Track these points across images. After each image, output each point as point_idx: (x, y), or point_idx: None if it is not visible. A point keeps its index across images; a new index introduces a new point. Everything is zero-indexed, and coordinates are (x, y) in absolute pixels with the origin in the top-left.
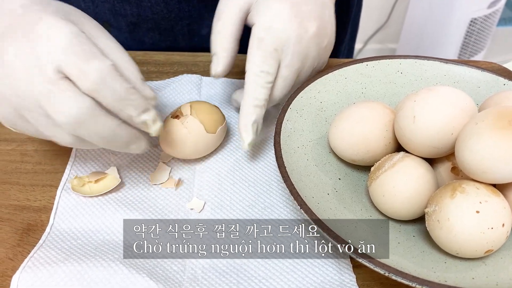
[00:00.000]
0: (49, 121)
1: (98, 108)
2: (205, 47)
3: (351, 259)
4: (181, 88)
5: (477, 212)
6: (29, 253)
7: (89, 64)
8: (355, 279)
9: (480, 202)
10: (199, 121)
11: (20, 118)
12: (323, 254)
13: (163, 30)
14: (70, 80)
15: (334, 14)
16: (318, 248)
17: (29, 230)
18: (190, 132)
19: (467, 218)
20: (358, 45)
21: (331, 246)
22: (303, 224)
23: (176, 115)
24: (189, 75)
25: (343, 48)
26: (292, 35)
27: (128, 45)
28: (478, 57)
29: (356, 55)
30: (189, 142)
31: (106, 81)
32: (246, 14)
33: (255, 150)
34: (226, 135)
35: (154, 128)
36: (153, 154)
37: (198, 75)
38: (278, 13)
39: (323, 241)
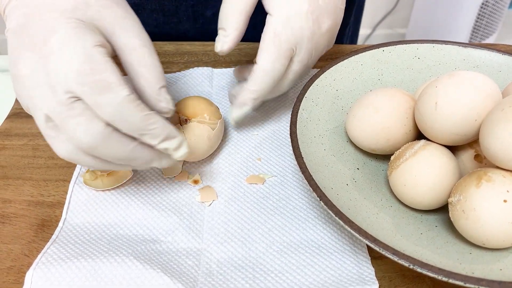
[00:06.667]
0: (61, 137)
1: (114, 132)
2: (211, 29)
3: (370, 250)
4: (193, 81)
5: (505, 201)
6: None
7: (102, 97)
8: (373, 273)
9: (508, 191)
10: (196, 124)
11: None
12: (340, 247)
13: (167, 11)
14: (83, 102)
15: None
16: (335, 241)
17: (44, 226)
18: (189, 139)
19: (494, 207)
20: (366, 31)
21: (349, 238)
22: (319, 216)
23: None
24: (200, 68)
25: (347, 31)
26: (307, 33)
27: None
28: (489, 40)
29: (365, 41)
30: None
31: (122, 113)
32: None
33: (269, 140)
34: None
35: (178, 155)
36: None
37: (209, 68)
38: (297, 7)
39: (340, 233)
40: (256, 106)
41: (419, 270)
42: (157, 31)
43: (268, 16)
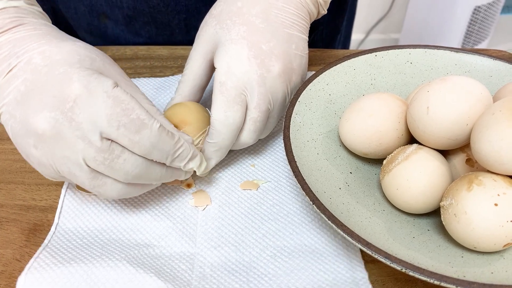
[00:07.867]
0: (100, 180)
1: (150, 161)
2: None
3: (363, 254)
4: None
5: (495, 204)
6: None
7: (139, 135)
8: (367, 276)
9: (498, 195)
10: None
11: (64, 176)
12: (333, 251)
13: (160, 24)
14: (118, 142)
15: (307, 43)
16: (328, 245)
17: (36, 231)
18: None
19: (485, 211)
20: (360, 36)
21: (342, 241)
22: (313, 221)
23: None
24: None
25: (339, 36)
26: (254, 76)
27: (124, 38)
28: (481, 46)
29: (358, 46)
30: None
31: (157, 145)
32: (211, 61)
33: (263, 145)
34: None
35: (200, 171)
36: None
37: None
38: (236, 55)
39: (334, 237)
40: (221, 157)
41: (411, 273)
42: (150, 42)
43: (215, 72)
